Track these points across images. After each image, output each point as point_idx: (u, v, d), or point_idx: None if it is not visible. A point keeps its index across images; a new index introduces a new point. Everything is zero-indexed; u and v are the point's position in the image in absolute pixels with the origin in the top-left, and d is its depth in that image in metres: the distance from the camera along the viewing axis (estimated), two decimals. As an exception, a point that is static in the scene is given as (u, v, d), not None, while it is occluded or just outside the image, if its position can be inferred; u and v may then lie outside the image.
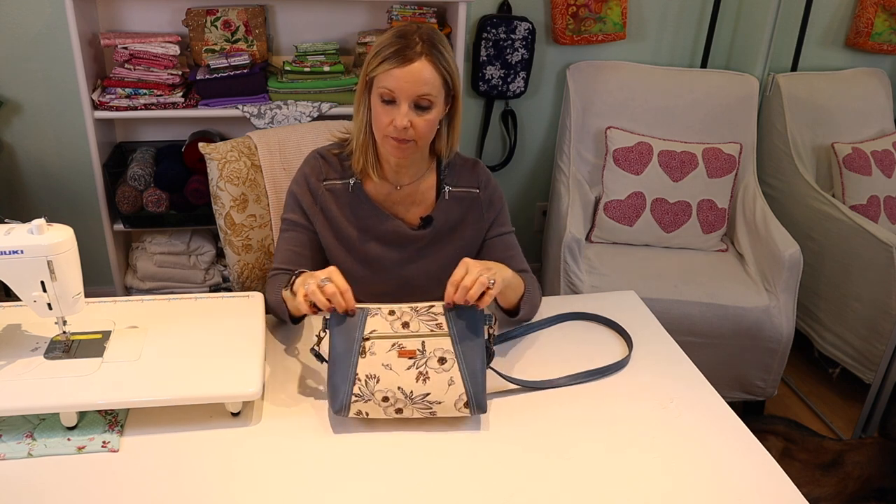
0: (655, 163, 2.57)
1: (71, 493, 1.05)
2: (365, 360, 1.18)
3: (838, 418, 2.45)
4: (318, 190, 1.46)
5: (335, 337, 1.20)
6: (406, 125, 1.33)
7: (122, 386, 1.16)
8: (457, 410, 1.19)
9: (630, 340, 1.45)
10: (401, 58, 1.30)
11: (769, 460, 1.18)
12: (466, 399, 1.19)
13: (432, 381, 1.18)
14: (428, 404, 1.18)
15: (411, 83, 1.31)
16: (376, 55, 1.34)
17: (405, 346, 1.20)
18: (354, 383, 1.17)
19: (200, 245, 2.57)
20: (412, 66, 1.30)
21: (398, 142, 1.36)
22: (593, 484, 1.11)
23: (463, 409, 1.19)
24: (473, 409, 1.19)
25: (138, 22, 2.45)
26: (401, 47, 1.31)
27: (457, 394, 1.18)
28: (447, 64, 1.34)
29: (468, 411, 1.19)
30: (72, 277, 1.17)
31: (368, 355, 1.18)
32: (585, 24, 2.70)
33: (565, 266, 2.31)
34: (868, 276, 2.31)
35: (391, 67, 1.31)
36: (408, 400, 1.18)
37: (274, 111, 2.38)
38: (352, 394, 1.17)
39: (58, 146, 2.60)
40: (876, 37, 2.74)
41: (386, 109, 1.34)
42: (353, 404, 1.17)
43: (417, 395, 1.18)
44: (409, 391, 1.18)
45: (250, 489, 1.07)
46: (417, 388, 1.18)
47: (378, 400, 1.18)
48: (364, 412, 1.18)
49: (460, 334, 1.21)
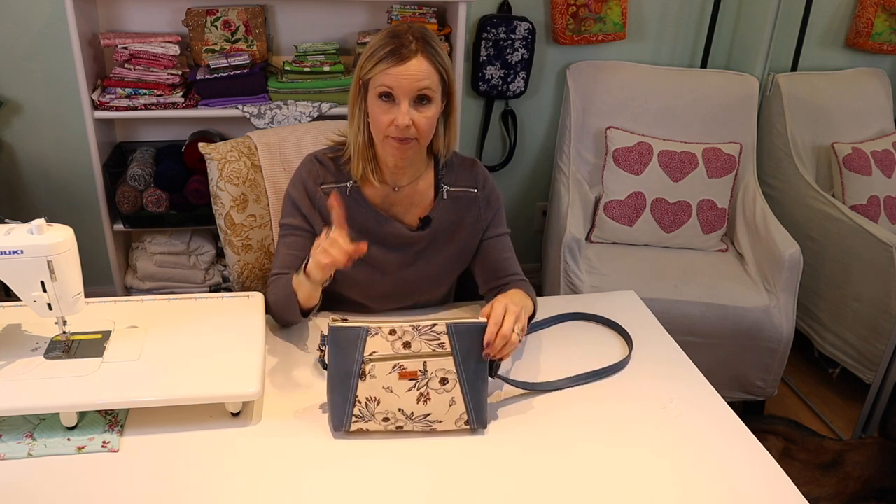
0: (655, 163, 2.57)
1: (71, 493, 1.05)
2: (365, 384, 1.16)
3: (838, 418, 2.45)
4: (315, 193, 1.46)
5: (334, 355, 1.18)
6: (408, 123, 1.32)
7: (122, 386, 1.16)
8: (456, 427, 1.19)
9: (630, 340, 1.45)
10: (397, 56, 1.30)
11: (769, 460, 1.18)
12: (467, 417, 1.19)
13: (433, 401, 1.18)
14: (428, 423, 1.18)
15: (410, 80, 1.31)
16: (370, 57, 1.33)
17: (406, 368, 1.17)
18: (355, 405, 1.17)
19: (200, 245, 2.57)
20: (409, 63, 1.30)
21: (400, 142, 1.35)
22: (593, 484, 1.11)
23: (463, 426, 1.19)
24: (474, 425, 1.20)
25: (138, 22, 2.45)
26: (396, 46, 1.31)
27: (458, 413, 1.18)
28: (442, 60, 1.35)
29: (468, 427, 1.20)
30: (72, 277, 1.17)
31: (368, 378, 1.16)
32: (585, 24, 2.70)
33: (565, 266, 2.31)
34: (868, 276, 2.31)
35: (388, 67, 1.30)
36: (408, 420, 1.18)
37: (274, 111, 2.38)
38: (352, 415, 1.17)
39: (58, 146, 2.60)
40: (876, 37, 2.74)
41: (385, 109, 1.33)
42: (353, 423, 1.17)
43: (418, 416, 1.18)
44: (409, 412, 1.17)
45: (250, 489, 1.07)
46: (418, 409, 1.17)
47: (378, 420, 1.18)
48: (364, 429, 1.18)
49: (463, 354, 1.18)
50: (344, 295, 1.52)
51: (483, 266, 1.51)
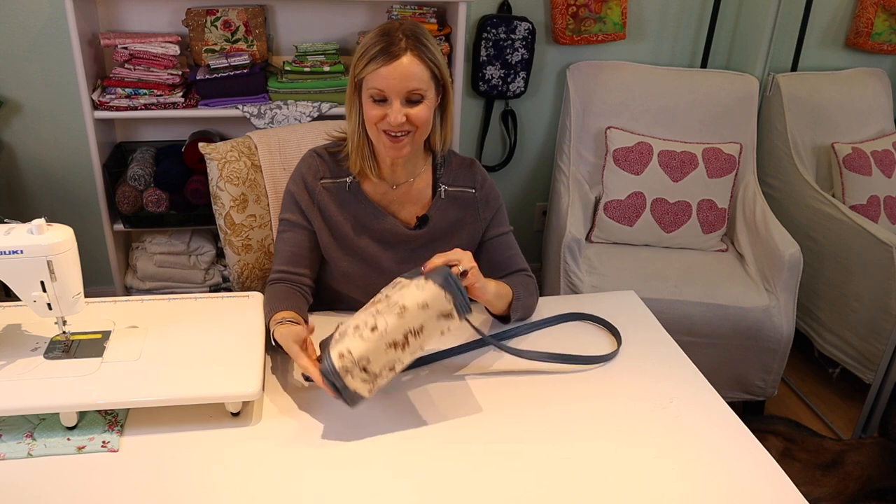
0: (655, 163, 2.57)
1: (71, 493, 1.05)
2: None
3: (838, 418, 2.45)
4: (315, 188, 1.47)
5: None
6: (401, 121, 1.33)
7: (122, 386, 1.16)
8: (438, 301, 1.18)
9: (619, 337, 1.46)
10: (387, 56, 1.31)
11: (769, 460, 1.18)
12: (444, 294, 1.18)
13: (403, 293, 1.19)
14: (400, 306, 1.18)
15: (399, 80, 1.31)
16: (362, 56, 1.34)
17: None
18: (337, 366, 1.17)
19: (200, 245, 2.57)
20: (399, 63, 1.31)
21: (393, 139, 1.36)
22: (593, 484, 1.11)
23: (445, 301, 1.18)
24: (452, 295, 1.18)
25: (138, 22, 2.45)
26: (385, 45, 1.31)
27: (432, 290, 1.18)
28: (433, 56, 1.35)
29: (449, 298, 1.18)
30: (72, 277, 1.17)
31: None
32: (585, 24, 2.70)
33: (565, 266, 2.31)
34: (868, 276, 2.31)
35: (378, 67, 1.31)
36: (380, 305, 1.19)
37: (274, 111, 2.38)
38: (337, 369, 1.16)
39: (58, 146, 2.60)
40: (876, 37, 2.74)
41: (378, 108, 1.34)
42: (344, 376, 1.16)
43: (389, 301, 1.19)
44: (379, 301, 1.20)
45: (250, 489, 1.07)
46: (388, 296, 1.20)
47: (363, 331, 1.17)
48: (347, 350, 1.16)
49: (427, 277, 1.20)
50: (341, 292, 1.53)
51: (486, 266, 1.52)
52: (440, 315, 1.18)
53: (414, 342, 1.18)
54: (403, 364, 1.19)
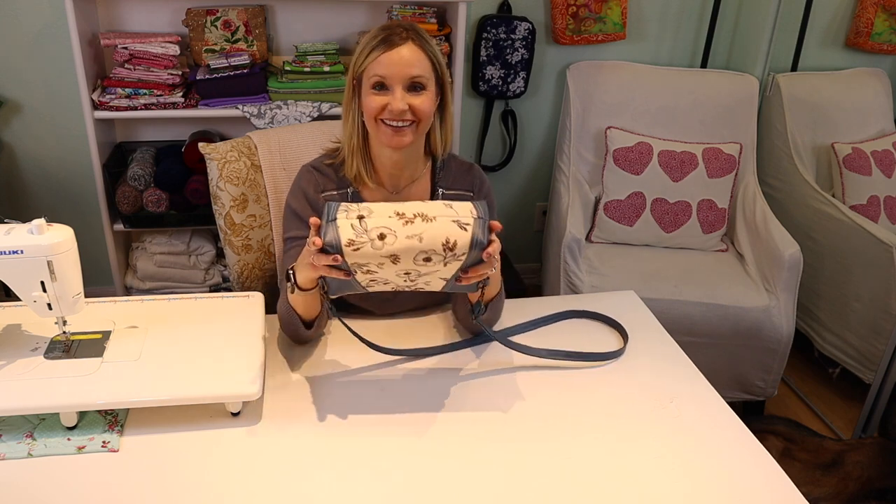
0: (655, 163, 2.57)
1: (71, 493, 1.05)
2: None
3: (838, 418, 2.45)
4: (317, 202, 1.45)
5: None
6: (404, 108, 1.33)
7: (122, 386, 1.16)
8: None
9: (626, 335, 1.46)
10: (388, 44, 1.32)
11: (769, 460, 1.18)
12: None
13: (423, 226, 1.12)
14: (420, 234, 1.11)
15: (402, 66, 1.32)
16: (362, 51, 1.35)
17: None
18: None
19: (200, 245, 2.57)
20: (400, 49, 1.32)
21: (395, 129, 1.35)
22: (593, 483, 1.11)
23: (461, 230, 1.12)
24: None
25: (138, 22, 2.45)
26: (386, 35, 1.33)
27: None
28: (433, 51, 1.36)
29: (475, 211, 1.14)
30: (72, 277, 1.17)
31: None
32: (585, 24, 2.70)
33: (565, 266, 2.31)
34: (868, 276, 2.31)
35: (379, 54, 1.32)
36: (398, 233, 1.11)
37: (274, 111, 2.38)
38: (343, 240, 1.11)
39: (58, 146, 2.60)
40: (876, 37, 2.74)
41: (379, 97, 1.34)
42: (346, 248, 1.11)
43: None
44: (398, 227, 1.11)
45: (250, 489, 1.07)
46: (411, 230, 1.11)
47: (373, 237, 1.10)
48: (357, 248, 1.10)
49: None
50: (348, 301, 1.52)
51: None
52: (457, 221, 1.12)
53: (420, 224, 1.11)
54: (396, 238, 1.10)
